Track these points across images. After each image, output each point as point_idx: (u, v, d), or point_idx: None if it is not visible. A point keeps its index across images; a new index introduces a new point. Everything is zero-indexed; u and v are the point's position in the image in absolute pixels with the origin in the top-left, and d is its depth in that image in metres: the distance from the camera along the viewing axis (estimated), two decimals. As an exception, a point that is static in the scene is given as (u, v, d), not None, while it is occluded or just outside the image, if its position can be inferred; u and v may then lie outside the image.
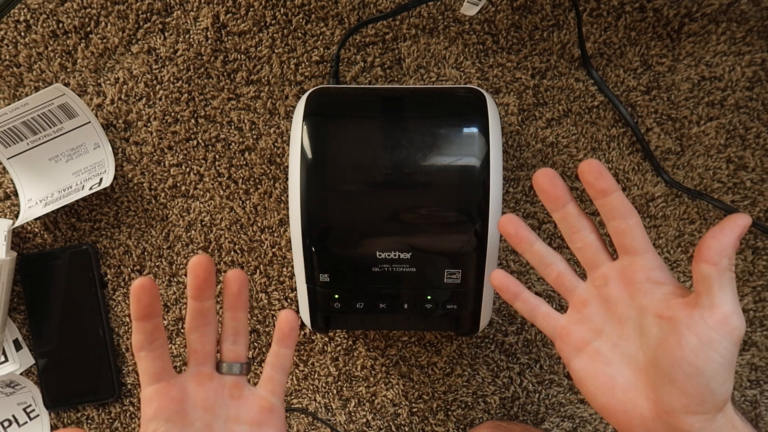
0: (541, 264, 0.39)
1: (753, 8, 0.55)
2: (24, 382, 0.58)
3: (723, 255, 0.32)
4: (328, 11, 0.56)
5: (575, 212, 0.38)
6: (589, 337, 0.38)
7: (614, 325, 0.37)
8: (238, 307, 0.38)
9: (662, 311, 0.34)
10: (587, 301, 0.38)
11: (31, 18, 0.56)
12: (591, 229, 0.38)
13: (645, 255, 0.36)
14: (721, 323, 0.31)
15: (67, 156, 0.57)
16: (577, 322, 0.38)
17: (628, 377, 0.36)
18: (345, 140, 0.46)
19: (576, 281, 0.39)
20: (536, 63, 0.56)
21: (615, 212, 0.36)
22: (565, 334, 0.38)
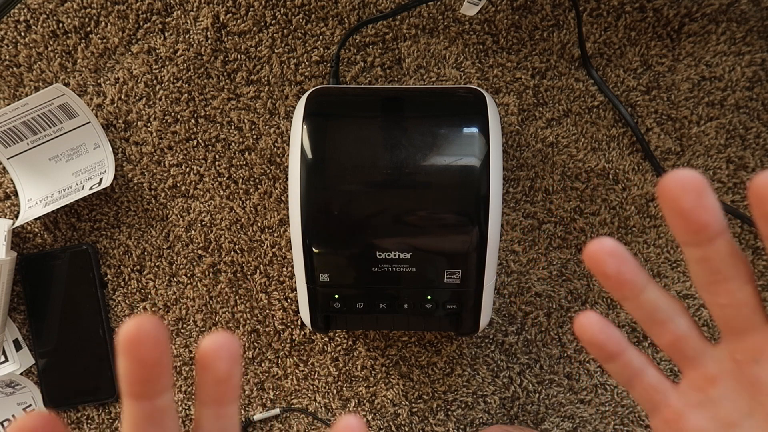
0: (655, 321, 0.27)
1: (753, 8, 0.55)
2: (24, 382, 0.58)
3: None
4: (328, 11, 0.56)
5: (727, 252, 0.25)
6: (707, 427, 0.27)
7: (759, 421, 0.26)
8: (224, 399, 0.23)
9: None
10: (718, 378, 0.27)
11: (31, 18, 0.56)
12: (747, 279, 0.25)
13: None
14: None
15: (67, 156, 0.57)
16: (696, 405, 0.27)
17: None
18: (345, 140, 0.46)
19: (704, 346, 0.28)
20: (536, 63, 0.56)
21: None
22: (676, 419, 0.27)
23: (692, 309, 0.56)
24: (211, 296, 0.58)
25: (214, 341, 0.22)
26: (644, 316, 0.27)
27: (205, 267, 0.58)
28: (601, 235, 0.57)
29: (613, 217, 0.56)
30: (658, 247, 0.57)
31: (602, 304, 0.57)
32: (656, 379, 0.28)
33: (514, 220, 0.57)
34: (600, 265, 0.25)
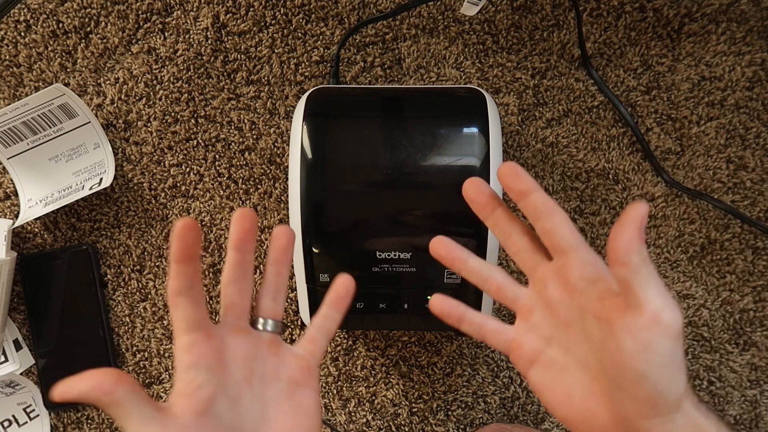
0: (480, 280, 0.38)
1: (753, 8, 0.55)
2: (24, 382, 0.58)
3: (630, 252, 0.30)
4: (328, 11, 0.56)
5: (505, 217, 0.37)
6: (539, 345, 0.36)
7: (562, 330, 0.35)
8: (282, 262, 0.36)
9: (599, 312, 0.33)
10: (532, 307, 0.37)
11: (31, 18, 0.56)
12: (523, 231, 0.37)
13: (576, 252, 0.34)
14: (652, 322, 0.30)
15: (67, 156, 0.57)
16: (526, 331, 0.36)
17: (584, 385, 0.34)
18: (345, 140, 0.46)
19: (518, 289, 0.37)
20: (536, 63, 0.56)
21: (538, 212, 0.34)
22: (517, 347, 0.37)
23: (692, 309, 0.57)
24: (211, 296, 0.58)
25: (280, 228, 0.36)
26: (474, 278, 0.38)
27: (205, 267, 0.58)
28: (602, 235, 0.57)
29: (613, 217, 0.56)
30: (658, 247, 0.57)
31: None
32: (495, 324, 0.38)
33: (514, 220, 0.57)
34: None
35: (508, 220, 0.37)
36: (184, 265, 0.32)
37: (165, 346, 0.58)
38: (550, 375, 0.35)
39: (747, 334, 0.57)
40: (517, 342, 0.37)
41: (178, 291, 0.32)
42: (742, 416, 0.57)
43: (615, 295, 0.32)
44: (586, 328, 0.34)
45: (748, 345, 0.57)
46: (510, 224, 0.37)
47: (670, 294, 0.31)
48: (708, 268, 0.57)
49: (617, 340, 0.31)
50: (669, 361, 0.30)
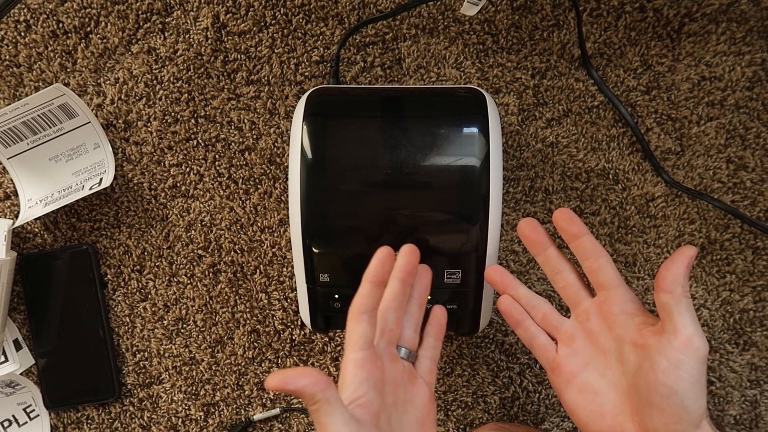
0: (529, 307, 0.43)
1: (753, 8, 0.55)
2: (24, 382, 0.58)
3: (676, 283, 0.35)
4: (328, 11, 0.56)
5: (556, 255, 0.42)
6: (577, 369, 0.41)
7: (599, 357, 0.40)
8: (425, 298, 0.42)
9: (636, 339, 0.38)
10: (574, 336, 0.42)
11: (31, 18, 0.56)
12: (571, 270, 0.42)
13: (618, 290, 0.40)
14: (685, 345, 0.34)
15: (67, 156, 0.57)
16: (567, 355, 0.41)
17: (615, 403, 0.39)
18: (345, 140, 0.46)
19: (561, 320, 0.43)
20: (536, 63, 0.56)
21: (587, 253, 0.40)
22: (557, 367, 0.42)
23: (692, 309, 0.56)
24: (211, 296, 0.58)
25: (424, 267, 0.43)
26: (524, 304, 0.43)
27: (205, 267, 0.58)
28: (602, 235, 0.57)
29: (613, 217, 0.56)
30: (658, 247, 0.57)
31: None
32: (546, 340, 0.43)
33: (514, 220, 0.57)
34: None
35: (558, 258, 0.42)
36: (378, 288, 0.37)
37: (165, 346, 0.58)
38: (584, 396, 0.40)
39: (747, 334, 0.57)
40: (558, 363, 0.42)
41: (364, 309, 0.37)
42: (742, 416, 0.57)
43: (651, 325, 0.37)
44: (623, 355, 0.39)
45: (748, 345, 0.57)
46: (560, 262, 0.42)
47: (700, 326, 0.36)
48: (708, 268, 0.57)
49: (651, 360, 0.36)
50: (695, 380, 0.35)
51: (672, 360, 0.35)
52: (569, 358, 0.41)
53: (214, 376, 0.58)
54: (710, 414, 0.57)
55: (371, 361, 0.37)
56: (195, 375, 0.58)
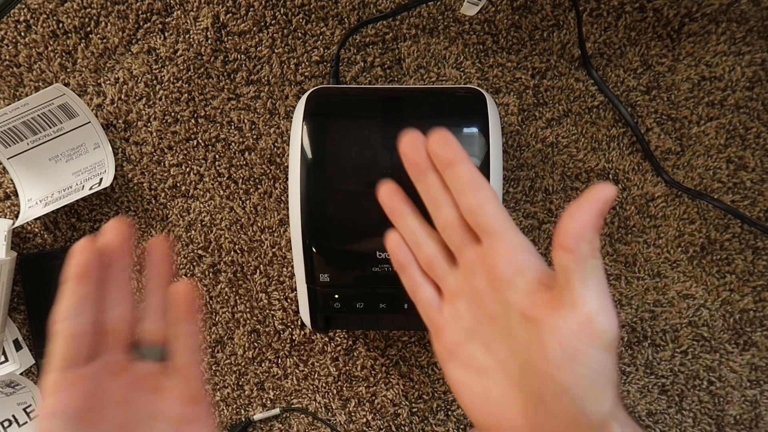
0: (413, 242, 0.34)
1: (753, 8, 0.55)
2: (24, 382, 0.58)
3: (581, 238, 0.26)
4: (328, 11, 0.56)
5: (437, 184, 0.32)
6: (460, 337, 0.32)
7: (486, 325, 0.31)
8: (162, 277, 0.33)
9: (526, 309, 0.28)
10: (457, 293, 0.32)
11: (31, 18, 0.56)
12: (453, 204, 0.32)
13: (503, 235, 0.30)
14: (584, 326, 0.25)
15: (67, 156, 0.57)
16: (449, 317, 0.33)
17: (504, 389, 0.30)
18: (345, 140, 0.46)
19: (447, 268, 0.33)
20: (536, 63, 0.56)
21: (464, 185, 0.30)
22: (438, 331, 0.33)
23: (692, 309, 0.56)
24: (211, 296, 0.58)
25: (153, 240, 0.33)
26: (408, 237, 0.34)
27: (205, 267, 0.58)
28: (602, 235, 0.57)
29: (613, 217, 0.56)
30: (658, 247, 0.57)
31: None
32: (429, 294, 0.33)
33: (514, 220, 0.57)
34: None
35: (440, 188, 0.32)
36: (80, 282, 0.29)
37: (165, 346, 0.58)
38: (469, 373, 0.31)
39: (747, 334, 0.57)
40: (440, 326, 0.33)
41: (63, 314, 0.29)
42: (742, 416, 0.57)
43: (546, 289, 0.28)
44: (511, 326, 0.29)
45: (748, 345, 0.57)
46: (441, 193, 0.32)
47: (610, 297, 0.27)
48: (708, 268, 0.57)
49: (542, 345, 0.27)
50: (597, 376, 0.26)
51: (567, 348, 0.26)
52: (452, 321, 0.32)
53: (214, 376, 0.58)
54: (709, 414, 0.57)
55: (69, 385, 0.28)
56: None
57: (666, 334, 0.57)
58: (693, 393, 0.57)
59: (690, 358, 0.57)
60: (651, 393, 0.57)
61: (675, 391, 0.57)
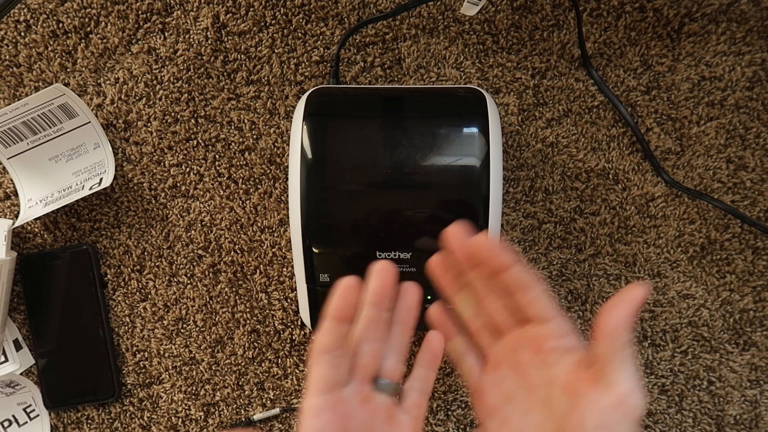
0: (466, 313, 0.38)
1: (753, 8, 0.55)
2: (24, 382, 0.58)
3: (619, 332, 0.30)
4: (328, 11, 0.56)
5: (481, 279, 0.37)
6: (500, 401, 0.36)
7: (525, 393, 0.35)
8: (409, 322, 0.36)
9: (568, 384, 0.33)
10: (501, 363, 0.37)
11: (31, 18, 0.56)
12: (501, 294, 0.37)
13: (553, 323, 0.35)
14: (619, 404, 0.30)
15: (67, 156, 0.57)
16: (491, 383, 0.37)
17: None
18: (345, 140, 0.46)
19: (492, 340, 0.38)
20: (536, 63, 0.56)
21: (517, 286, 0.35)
22: (479, 394, 0.37)
23: (692, 309, 0.57)
24: (211, 296, 0.58)
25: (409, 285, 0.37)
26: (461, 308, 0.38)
27: (205, 267, 0.58)
28: (602, 235, 0.57)
29: (613, 217, 0.56)
30: (658, 247, 0.57)
31: (602, 304, 0.57)
32: (474, 362, 0.38)
33: (514, 220, 0.57)
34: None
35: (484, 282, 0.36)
36: (340, 324, 0.33)
37: (165, 346, 0.58)
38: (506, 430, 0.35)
39: (747, 334, 0.57)
40: (481, 389, 0.37)
41: (325, 348, 0.33)
42: (742, 416, 0.57)
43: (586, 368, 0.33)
44: (551, 397, 0.34)
45: (748, 345, 0.57)
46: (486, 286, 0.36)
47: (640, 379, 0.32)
48: (708, 268, 0.57)
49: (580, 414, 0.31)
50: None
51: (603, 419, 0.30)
52: (493, 387, 0.36)
53: (214, 376, 0.58)
54: (709, 414, 0.57)
55: (331, 408, 0.33)
56: (195, 375, 0.58)
57: (666, 334, 0.57)
58: (693, 393, 0.57)
59: (690, 358, 0.57)
60: (651, 393, 0.57)
61: (675, 391, 0.57)
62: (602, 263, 0.57)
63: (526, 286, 0.35)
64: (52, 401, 0.58)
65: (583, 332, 0.57)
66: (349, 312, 0.33)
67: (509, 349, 0.36)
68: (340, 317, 0.33)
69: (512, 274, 0.34)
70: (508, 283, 0.35)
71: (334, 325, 0.33)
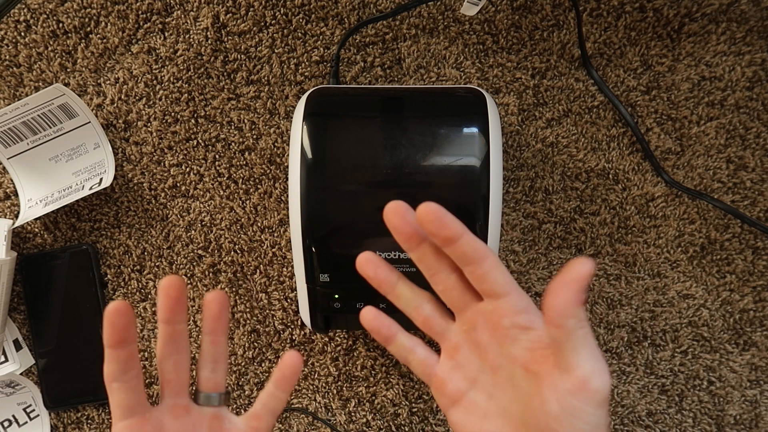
0: (408, 307, 0.37)
1: (753, 8, 0.55)
2: (24, 382, 0.58)
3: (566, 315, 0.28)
4: (328, 11, 0.56)
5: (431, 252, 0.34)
6: (464, 386, 0.35)
7: (488, 374, 0.34)
8: (218, 331, 0.35)
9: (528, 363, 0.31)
10: (458, 345, 0.35)
11: (31, 18, 0.56)
12: (451, 269, 0.34)
13: (509, 297, 0.32)
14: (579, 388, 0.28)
15: (67, 156, 0.57)
16: (450, 369, 0.35)
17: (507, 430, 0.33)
18: (345, 140, 0.46)
19: (445, 324, 0.36)
20: (536, 63, 0.56)
21: (467, 258, 0.32)
22: (440, 384, 0.35)
23: (692, 309, 0.57)
24: (211, 296, 0.58)
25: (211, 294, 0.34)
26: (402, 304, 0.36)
27: (205, 267, 0.58)
28: (602, 235, 0.57)
29: (613, 217, 0.56)
30: (658, 247, 0.57)
31: (602, 304, 0.57)
32: (424, 353, 0.36)
33: (514, 220, 0.57)
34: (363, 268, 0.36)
35: (435, 255, 0.34)
36: (118, 349, 0.32)
37: (165, 346, 0.58)
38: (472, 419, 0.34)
39: (747, 334, 0.57)
40: (441, 379, 0.35)
41: (112, 377, 0.32)
42: (742, 416, 0.57)
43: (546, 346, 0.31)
44: (514, 377, 0.33)
45: (748, 345, 0.57)
46: (437, 260, 0.34)
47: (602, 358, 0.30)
48: (708, 268, 0.57)
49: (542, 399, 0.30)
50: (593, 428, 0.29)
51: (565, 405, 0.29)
52: (453, 372, 0.35)
53: (214, 376, 0.58)
54: (709, 414, 0.57)
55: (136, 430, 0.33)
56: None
57: (666, 334, 0.57)
58: (693, 393, 0.57)
59: (690, 358, 0.57)
60: (651, 393, 0.57)
61: (675, 391, 0.57)
62: (602, 263, 0.57)
63: (478, 258, 0.32)
64: (52, 401, 0.58)
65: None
66: (123, 335, 0.32)
67: (465, 330, 0.35)
68: (115, 343, 0.32)
69: (463, 244, 0.32)
70: (458, 254, 0.32)
71: (112, 352, 0.32)
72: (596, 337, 0.57)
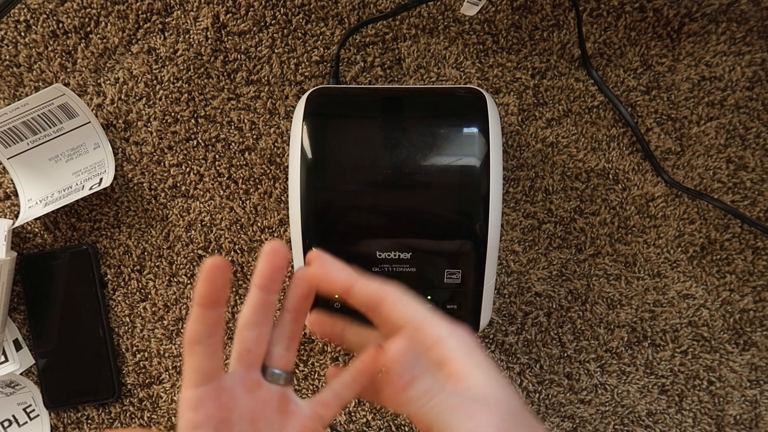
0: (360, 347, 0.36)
1: (753, 8, 0.55)
2: (24, 382, 0.58)
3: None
4: (328, 11, 0.56)
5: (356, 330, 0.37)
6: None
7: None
8: (302, 309, 0.34)
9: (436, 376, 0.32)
10: None
11: (31, 18, 0.56)
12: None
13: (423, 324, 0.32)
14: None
15: (67, 156, 0.57)
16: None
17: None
18: (345, 140, 0.46)
19: None
20: (536, 63, 0.56)
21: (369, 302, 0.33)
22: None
23: (692, 309, 0.57)
24: (211, 296, 0.58)
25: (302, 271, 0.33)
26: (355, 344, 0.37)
27: (205, 267, 0.58)
28: (602, 235, 0.57)
29: (613, 217, 0.56)
30: (658, 247, 0.57)
31: (602, 304, 0.57)
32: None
33: (514, 220, 0.57)
34: None
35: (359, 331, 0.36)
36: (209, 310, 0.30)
37: (165, 346, 0.58)
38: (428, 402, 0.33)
39: (747, 334, 0.57)
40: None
41: (197, 338, 0.30)
42: (742, 416, 0.57)
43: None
44: None
45: (748, 345, 0.57)
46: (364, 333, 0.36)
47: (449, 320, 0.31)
48: (708, 268, 0.57)
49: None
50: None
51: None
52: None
53: (214, 376, 0.58)
54: (709, 414, 0.57)
55: (211, 399, 0.30)
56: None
57: (666, 334, 0.57)
58: (693, 393, 0.57)
59: (690, 358, 0.57)
60: (651, 393, 0.57)
61: (675, 391, 0.57)
62: (602, 263, 0.57)
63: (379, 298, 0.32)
64: (52, 401, 0.58)
65: (582, 332, 0.57)
66: (217, 296, 0.30)
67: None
68: (207, 303, 0.30)
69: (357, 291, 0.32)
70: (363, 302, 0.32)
71: (201, 311, 0.30)
72: (596, 337, 0.57)
